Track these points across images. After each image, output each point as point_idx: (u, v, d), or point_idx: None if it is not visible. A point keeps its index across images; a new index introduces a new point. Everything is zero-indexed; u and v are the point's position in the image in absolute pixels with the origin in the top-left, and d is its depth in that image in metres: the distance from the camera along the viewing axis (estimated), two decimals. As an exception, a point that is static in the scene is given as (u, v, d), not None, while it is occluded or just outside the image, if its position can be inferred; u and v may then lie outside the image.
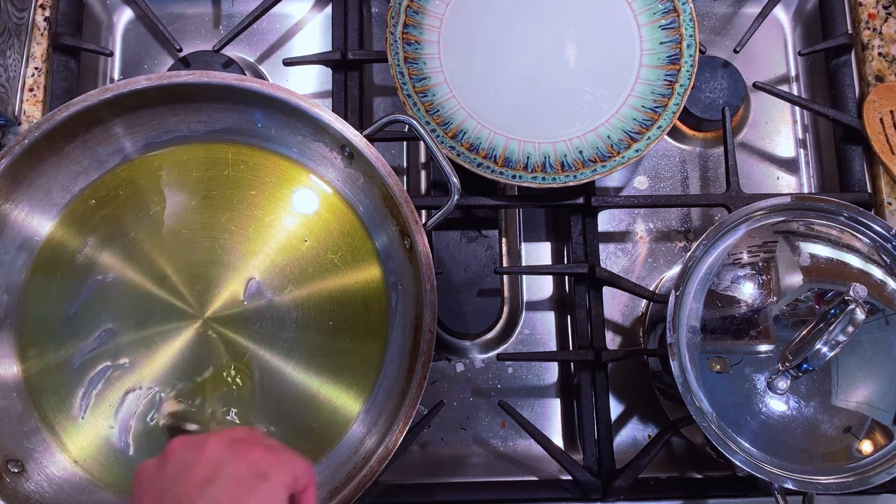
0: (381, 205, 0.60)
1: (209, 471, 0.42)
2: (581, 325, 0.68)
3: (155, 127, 0.61)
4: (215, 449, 0.43)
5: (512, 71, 0.68)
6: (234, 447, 0.44)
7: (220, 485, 0.41)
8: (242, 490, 0.41)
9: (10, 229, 0.58)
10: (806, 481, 0.55)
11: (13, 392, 0.57)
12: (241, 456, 0.43)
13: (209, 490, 0.41)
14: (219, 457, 0.43)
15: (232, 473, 0.42)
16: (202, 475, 0.42)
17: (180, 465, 0.43)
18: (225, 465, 0.42)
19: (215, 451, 0.43)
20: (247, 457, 0.43)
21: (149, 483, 0.43)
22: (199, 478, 0.42)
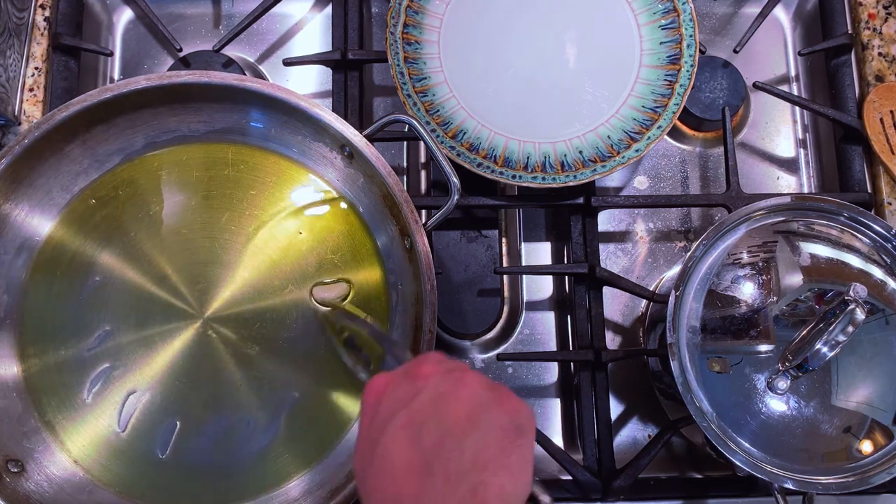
0: (381, 205, 0.60)
1: (472, 410, 0.39)
2: (581, 325, 0.68)
3: (155, 127, 0.61)
4: (475, 388, 0.40)
5: (512, 71, 0.68)
6: (491, 391, 0.40)
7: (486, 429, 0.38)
8: (507, 441, 0.38)
9: (10, 229, 0.58)
10: (806, 481, 0.55)
11: (13, 392, 0.57)
12: (500, 402, 0.40)
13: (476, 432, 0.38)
14: (479, 397, 0.40)
15: (495, 420, 0.39)
16: (465, 412, 0.39)
17: (437, 394, 0.40)
18: (487, 409, 0.39)
19: (475, 391, 0.40)
20: (505, 405, 0.40)
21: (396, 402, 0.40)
22: (462, 414, 0.39)
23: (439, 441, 0.37)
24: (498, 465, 0.37)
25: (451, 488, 0.36)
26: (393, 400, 0.40)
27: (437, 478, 0.36)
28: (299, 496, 0.57)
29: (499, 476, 0.36)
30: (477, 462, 0.37)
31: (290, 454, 0.58)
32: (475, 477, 0.36)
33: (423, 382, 0.40)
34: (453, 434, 0.38)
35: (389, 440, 0.38)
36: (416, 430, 0.38)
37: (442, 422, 0.38)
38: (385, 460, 0.38)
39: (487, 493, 0.36)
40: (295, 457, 0.58)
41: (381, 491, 0.38)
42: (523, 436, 0.39)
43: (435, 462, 0.37)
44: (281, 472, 0.58)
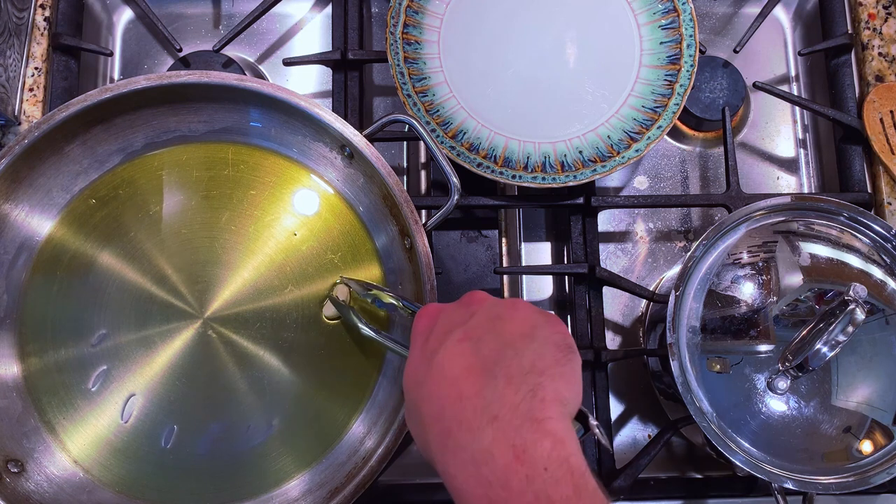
0: (381, 205, 0.60)
1: (526, 328, 0.41)
2: (581, 325, 0.68)
3: (155, 127, 0.61)
4: (528, 311, 0.42)
5: (512, 71, 0.68)
6: (543, 314, 0.42)
7: (541, 344, 0.40)
8: (560, 354, 0.40)
9: (10, 229, 0.58)
10: (806, 481, 0.55)
11: (13, 392, 0.57)
12: (552, 324, 0.42)
13: (532, 344, 0.40)
14: (533, 318, 0.42)
15: (549, 337, 0.41)
16: (520, 329, 0.41)
17: (493, 315, 0.41)
18: (541, 328, 0.41)
19: (528, 313, 0.42)
20: (557, 326, 0.42)
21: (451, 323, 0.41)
22: (518, 331, 0.40)
23: (498, 351, 0.39)
24: (554, 373, 0.39)
25: (513, 387, 0.37)
26: (449, 320, 0.42)
27: (498, 379, 0.38)
28: (299, 496, 0.57)
29: (556, 382, 0.38)
30: (535, 367, 0.38)
31: (290, 454, 0.58)
32: (534, 379, 0.38)
33: (478, 306, 0.42)
34: (511, 345, 0.39)
35: (447, 352, 0.40)
36: (474, 344, 0.40)
37: (499, 336, 0.40)
38: (444, 368, 0.39)
39: (546, 393, 0.37)
40: (295, 457, 0.58)
41: (441, 395, 0.39)
42: (573, 352, 0.41)
43: (495, 367, 0.38)
44: (281, 472, 0.58)
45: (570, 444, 0.36)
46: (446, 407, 0.38)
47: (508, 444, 0.36)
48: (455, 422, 0.38)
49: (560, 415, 0.37)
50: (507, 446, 0.36)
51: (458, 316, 0.42)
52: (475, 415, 0.37)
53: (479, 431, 0.36)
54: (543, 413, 0.37)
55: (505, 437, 0.36)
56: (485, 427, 0.36)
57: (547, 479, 0.35)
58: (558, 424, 0.37)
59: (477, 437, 0.36)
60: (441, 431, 0.38)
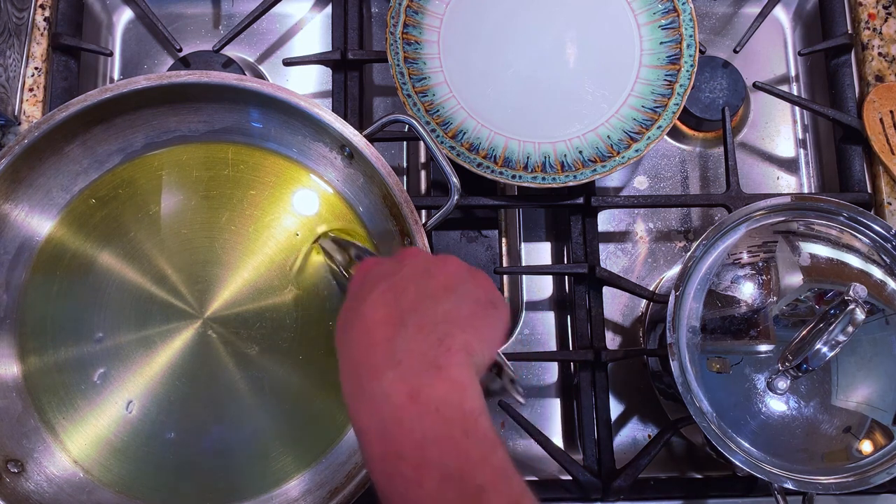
0: (381, 205, 0.60)
1: (451, 282, 0.43)
2: (581, 325, 0.68)
3: (155, 127, 0.61)
4: (456, 266, 0.44)
5: (512, 71, 0.68)
6: (470, 271, 0.44)
7: (461, 297, 0.42)
8: (479, 308, 0.42)
9: (10, 229, 0.58)
10: (806, 481, 0.55)
11: (13, 392, 0.57)
12: (478, 280, 0.44)
13: (452, 297, 0.42)
14: (459, 274, 0.44)
15: (471, 292, 0.43)
16: (444, 283, 0.42)
17: (421, 269, 0.43)
18: (465, 283, 0.43)
19: (456, 268, 0.44)
20: (482, 283, 0.44)
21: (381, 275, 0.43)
22: (441, 284, 0.42)
23: (416, 302, 0.41)
24: (467, 324, 0.41)
25: (422, 335, 0.39)
26: (378, 273, 0.43)
27: (409, 328, 0.40)
28: (299, 496, 0.57)
29: (466, 332, 0.40)
30: (448, 318, 0.40)
31: (290, 454, 0.58)
32: (444, 328, 0.40)
33: (410, 260, 0.44)
34: (431, 297, 0.41)
35: (370, 302, 0.41)
36: (396, 295, 0.41)
37: (421, 288, 0.41)
38: (364, 316, 0.41)
39: (453, 342, 0.39)
40: (295, 457, 0.58)
41: (356, 340, 0.41)
42: (494, 308, 0.43)
43: (410, 316, 0.40)
44: (281, 472, 0.58)
45: (469, 390, 0.38)
46: (360, 353, 0.40)
47: (406, 386, 0.37)
48: (364, 367, 0.39)
49: (464, 363, 0.39)
50: (405, 388, 0.37)
51: (388, 268, 0.44)
52: (382, 360, 0.39)
53: (382, 375, 0.38)
54: (447, 360, 0.38)
55: (404, 380, 0.37)
56: (388, 371, 0.38)
57: (437, 419, 0.36)
58: (460, 371, 0.38)
59: (379, 381, 0.38)
60: (353, 375, 0.40)
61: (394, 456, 0.36)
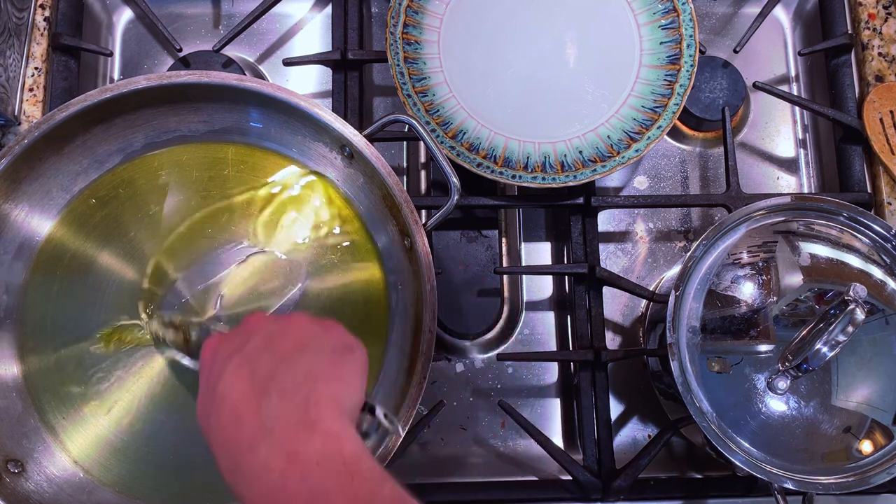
0: (381, 205, 0.60)
1: (301, 339, 0.43)
2: (581, 325, 0.68)
3: (155, 127, 0.61)
4: (303, 322, 0.44)
5: (512, 71, 0.68)
6: (318, 323, 0.45)
7: (315, 351, 0.42)
8: (336, 357, 0.42)
9: (10, 229, 0.58)
10: (806, 481, 0.55)
11: (13, 392, 0.57)
12: (328, 330, 0.44)
13: (307, 354, 0.42)
14: (307, 329, 0.44)
15: (325, 343, 0.43)
16: (295, 342, 0.42)
17: (267, 336, 0.43)
18: (315, 336, 0.43)
19: (303, 325, 0.44)
20: (333, 331, 0.44)
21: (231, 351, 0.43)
22: (292, 344, 0.42)
23: (273, 369, 0.40)
24: (329, 377, 0.41)
25: (287, 399, 0.39)
26: (227, 349, 0.43)
27: (272, 395, 0.39)
28: (299, 496, 0.57)
29: (330, 385, 0.40)
30: (308, 375, 0.40)
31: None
32: (308, 387, 0.40)
33: (254, 329, 0.44)
34: (286, 360, 0.41)
35: (226, 379, 0.41)
36: (250, 367, 0.41)
37: (274, 354, 0.41)
38: (224, 397, 0.40)
39: (319, 397, 0.39)
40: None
41: (222, 424, 0.40)
42: (351, 352, 0.43)
43: (270, 384, 0.40)
44: (281, 472, 0.58)
45: (345, 437, 0.38)
46: (228, 433, 0.40)
47: (282, 453, 0.37)
48: (236, 446, 0.39)
49: (335, 415, 0.39)
50: (281, 454, 0.37)
51: (236, 342, 0.43)
52: (253, 434, 0.38)
53: (257, 447, 0.38)
54: (317, 415, 0.38)
55: (279, 446, 0.37)
56: (261, 442, 0.38)
57: (319, 473, 0.36)
58: (332, 423, 0.38)
59: (255, 454, 0.38)
60: (228, 458, 0.40)
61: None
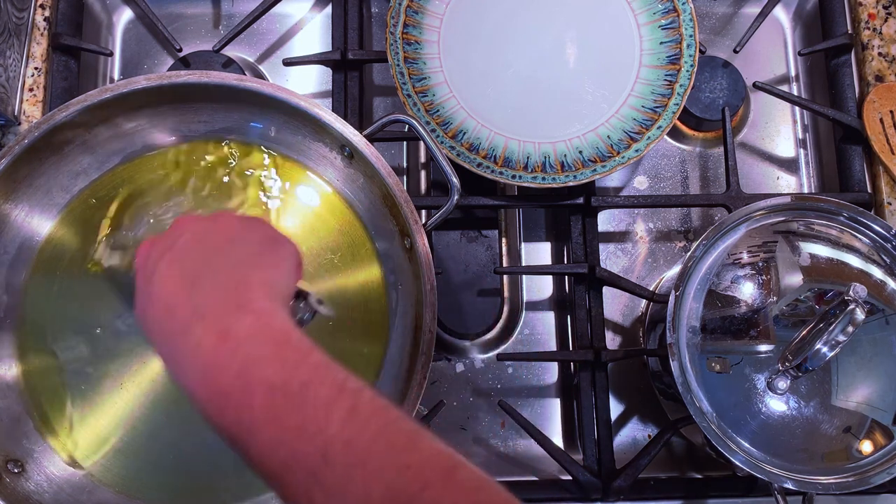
0: (381, 205, 0.60)
1: (230, 233, 0.44)
2: (581, 325, 0.68)
3: (155, 127, 0.61)
4: (229, 219, 0.45)
5: (512, 71, 0.68)
6: (245, 220, 0.45)
7: (244, 242, 0.43)
8: (265, 247, 0.43)
9: (10, 229, 0.58)
10: (806, 481, 0.55)
11: (13, 392, 0.57)
12: (255, 225, 0.45)
13: (236, 245, 0.42)
14: (235, 224, 0.45)
15: (253, 235, 0.44)
16: (224, 236, 0.43)
17: (196, 233, 0.44)
18: (243, 230, 0.44)
19: (230, 221, 0.45)
20: (261, 226, 0.45)
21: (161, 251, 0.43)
22: (221, 238, 0.43)
23: (203, 260, 0.42)
24: (258, 263, 0.42)
25: (218, 287, 0.40)
26: (159, 248, 0.44)
27: (203, 283, 0.40)
28: (299, 496, 0.57)
29: (260, 271, 0.41)
30: (239, 264, 0.41)
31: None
32: (237, 273, 0.41)
33: (183, 229, 0.44)
34: (216, 251, 0.42)
35: (158, 276, 0.41)
36: (181, 261, 0.42)
37: (204, 247, 0.42)
38: (157, 290, 0.41)
39: (250, 281, 0.40)
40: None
41: (156, 315, 0.41)
42: (280, 244, 0.44)
43: (200, 274, 0.41)
44: (281, 472, 0.58)
45: (276, 314, 0.39)
46: (162, 323, 0.40)
47: (214, 332, 0.38)
48: (170, 333, 0.40)
49: (266, 295, 0.40)
50: (213, 333, 0.38)
51: (166, 242, 0.44)
52: (185, 320, 0.39)
53: (190, 331, 0.38)
54: (248, 297, 0.39)
55: (211, 327, 0.38)
56: (193, 326, 0.39)
57: (250, 345, 0.37)
58: (263, 303, 0.39)
59: (188, 338, 0.38)
60: (165, 347, 0.40)
61: (220, 394, 0.37)
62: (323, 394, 0.36)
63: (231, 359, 0.37)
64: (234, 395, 0.37)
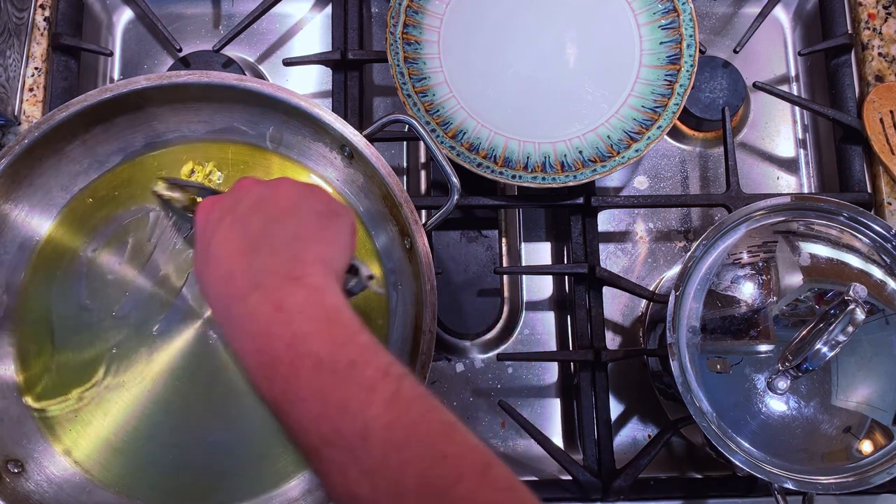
0: (381, 205, 0.60)
1: (290, 202, 0.44)
2: (581, 325, 0.68)
3: (155, 127, 0.61)
4: (291, 187, 0.46)
5: (512, 71, 0.68)
6: (306, 187, 0.46)
7: (304, 214, 0.44)
8: (323, 220, 0.44)
9: (10, 229, 0.58)
10: (806, 481, 0.55)
11: (13, 392, 0.57)
12: (316, 195, 0.46)
13: (295, 215, 0.43)
14: (296, 193, 0.45)
15: (312, 206, 0.45)
16: (284, 205, 0.44)
17: (257, 198, 0.45)
18: (304, 199, 0.45)
19: (291, 188, 0.46)
20: (320, 196, 0.46)
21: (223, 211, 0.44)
22: (282, 206, 0.44)
23: (263, 227, 0.43)
24: (315, 238, 0.43)
25: (276, 256, 0.41)
26: (220, 209, 0.45)
27: (262, 252, 0.41)
28: (299, 496, 0.57)
29: (317, 245, 0.42)
30: (297, 236, 0.42)
31: (290, 454, 0.58)
32: (295, 246, 0.42)
33: (245, 192, 0.45)
34: (276, 220, 0.43)
35: (219, 238, 0.43)
36: (242, 226, 0.43)
37: (265, 214, 0.43)
38: (217, 253, 0.43)
39: (306, 256, 0.41)
40: (295, 457, 0.58)
41: (216, 277, 0.42)
42: (338, 217, 0.45)
43: (260, 241, 0.42)
44: (281, 472, 0.58)
45: (329, 291, 0.40)
46: (222, 286, 0.42)
47: (269, 302, 0.39)
48: (229, 297, 0.41)
49: (321, 272, 0.41)
50: (269, 303, 0.39)
51: (228, 204, 0.45)
52: (244, 286, 0.41)
53: (247, 298, 0.40)
54: (303, 271, 0.41)
55: (267, 297, 0.39)
56: (251, 294, 0.40)
57: (302, 319, 0.38)
58: (317, 279, 0.41)
59: (246, 304, 0.40)
60: (221, 307, 0.42)
61: (270, 363, 0.38)
62: (368, 374, 0.37)
63: (283, 330, 0.38)
64: (283, 366, 0.38)
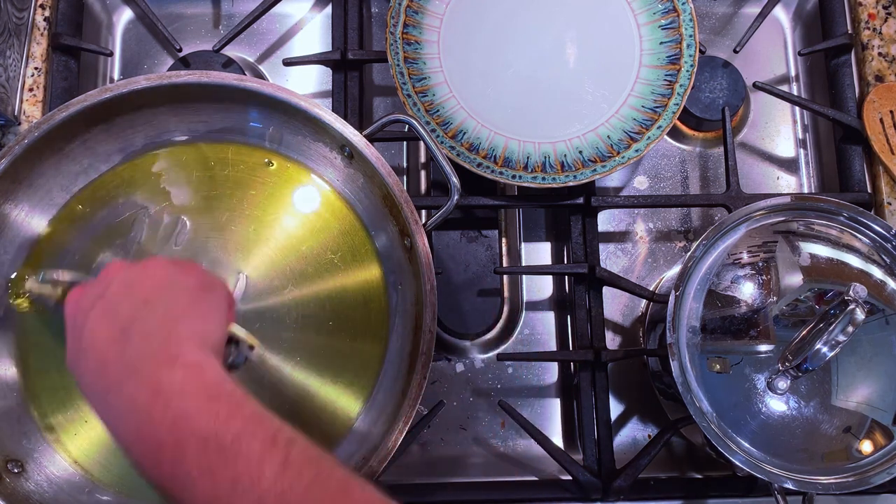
0: (381, 205, 0.60)
1: (160, 281, 0.44)
2: (581, 325, 0.68)
3: (155, 127, 0.61)
4: (159, 266, 0.45)
5: (512, 71, 0.68)
6: (176, 265, 0.45)
7: (173, 292, 0.43)
8: (195, 295, 0.43)
9: (10, 229, 0.58)
10: (806, 481, 0.55)
11: (13, 392, 0.57)
12: (185, 270, 0.45)
13: (165, 295, 0.43)
14: (165, 272, 0.45)
15: (182, 284, 0.44)
16: (153, 286, 0.43)
17: (126, 282, 0.44)
18: (174, 277, 0.44)
19: (160, 268, 0.45)
20: (192, 272, 0.45)
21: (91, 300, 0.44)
22: (150, 287, 0.43)
23: (134, 311, 0.41)
24: (188, 314, 0.42)
25: (149, 340, 0.40)
26: (89, 298, 0.44)
27: (134, 337, 0.41)
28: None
29: (190, 322, 0.42)
30: (169, 315, 0.42)
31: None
32: (168, 326, 0.41)
33: (113, 276, 0.45)
34: (146, 302, 0.42)
35: (89, 328, 0.42)
36: (111, 314, 0.42)
37: (133, 298, 0.42)
38: (89, 344, 0.42)
39: (180, 334, 0.41)
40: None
41: (89, 368, 0.42)
42: (211, 290, 0.45)
43: (131, 326, 0.41)
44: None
45: (207, 367, 0.40)
46: (96, 378, 0.41)
47: (146, 387, 0.39)
48: (104, 388, 0.41)
49: (195, 348, 0.41)
50: (145, 389, 0.39)
51: (96, 291, 0.44)
52: (118, 375, 0.40)
53: (123, 387, 0.39)
54: (178, 350, 0.40)
55: (143, 383, 0.39)
56: (126, 381, 0.39)
57: (181, 399, 0.38)
58: (194, 356, 0.40)
59: (122, 393, 0.39)
60: (97, 400, 0.41)
61: (155, 448, 0.38)
62: (255, 447, 0.36)
63: (163, 413, 0.38)
64: (168, 449, 0.37)
